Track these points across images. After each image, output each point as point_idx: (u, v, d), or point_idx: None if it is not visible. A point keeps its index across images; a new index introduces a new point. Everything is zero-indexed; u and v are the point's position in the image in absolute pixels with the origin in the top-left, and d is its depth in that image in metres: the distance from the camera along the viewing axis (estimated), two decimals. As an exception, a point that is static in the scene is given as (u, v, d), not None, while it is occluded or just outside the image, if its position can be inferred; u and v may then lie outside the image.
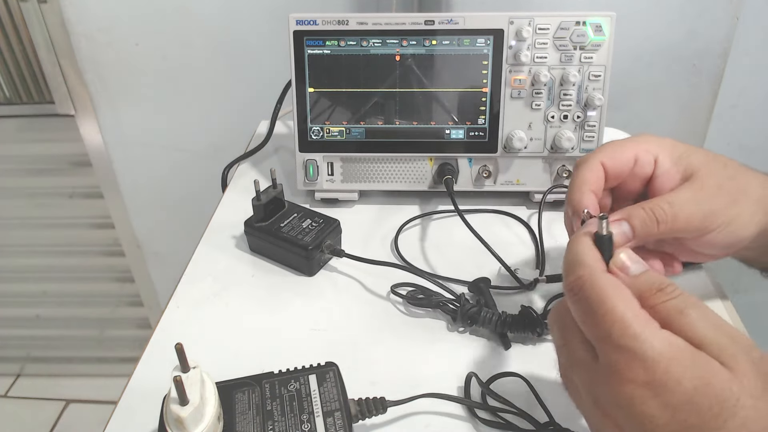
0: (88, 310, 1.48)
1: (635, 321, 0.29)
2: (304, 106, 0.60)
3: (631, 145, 0.42)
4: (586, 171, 0.42)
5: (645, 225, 0.38)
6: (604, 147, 0.43)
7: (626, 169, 0.42)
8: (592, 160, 0.42)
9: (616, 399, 0.28)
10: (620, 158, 0.42)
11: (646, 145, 0.42)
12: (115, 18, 1.02)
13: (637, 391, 0.28)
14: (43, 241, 1.36)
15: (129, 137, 1.17)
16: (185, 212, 1.20)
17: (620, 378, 0.28)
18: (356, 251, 0.54)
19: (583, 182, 0.41)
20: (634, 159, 0.42)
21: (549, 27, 0.57)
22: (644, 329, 0.28)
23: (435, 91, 0.59)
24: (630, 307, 0.30)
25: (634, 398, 0.28)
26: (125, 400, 0.43)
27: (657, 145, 0.42)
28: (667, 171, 0.42)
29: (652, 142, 0.42)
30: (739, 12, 0.92)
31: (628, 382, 0.28)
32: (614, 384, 0.28)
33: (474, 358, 0.46)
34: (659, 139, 0.43)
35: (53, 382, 1.60)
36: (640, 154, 0.42)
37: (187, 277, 0.54)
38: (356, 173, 0.63)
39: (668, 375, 0.27)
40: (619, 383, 0.28)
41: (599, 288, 0.30)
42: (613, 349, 0.29)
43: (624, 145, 0.42)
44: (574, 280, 0.32)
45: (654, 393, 0.28)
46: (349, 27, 0.57)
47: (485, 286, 0.50)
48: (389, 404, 0.39)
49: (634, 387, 0.28)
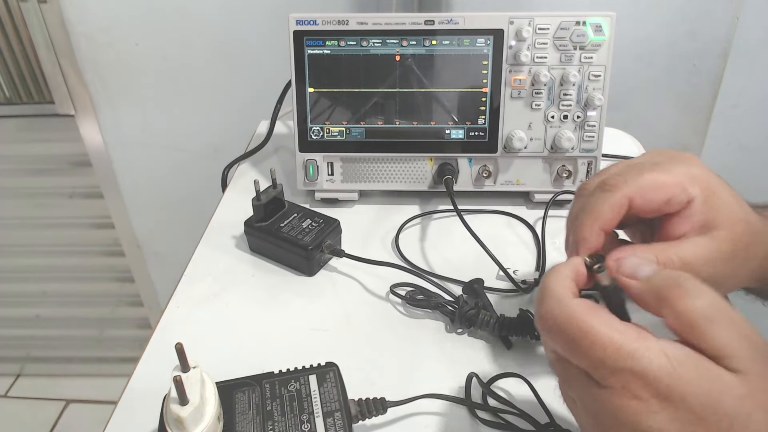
0: (88, 310, 1.48)
1: (626, 339, 0.27)
2: (304, 106, 0.60)
3: (671, 182, 0.36)
4: (606, 206, 0.36)
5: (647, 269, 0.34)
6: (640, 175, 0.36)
7: (655, 208, 0.36)
8: (620, 195, 0.36)
9: (620, 417, 0.27)
10: (652, 197, 0.36)
11: (687, 183, 0.36)
12: (115, 18, 1.02)
13: (642, 406, 0.27)
14: (43, 241, 1.36)
15: (129, 137, 1.17)
16: (185, 212, 1.20)
17: (624, 396, 0.27)
18: (356, 251, 0.54)
19: (597, 218, 0.36)
20: (669, 198, 0.36)
21: (549, 27, 0.57)
22: (638, 345, 0.27)
23: (435, 91, 0.59)
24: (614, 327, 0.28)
25: (639, 414, 0.27)
26: (125, 400, 0.43)
27: (700, 185, 0.36)
28: (691, 216, 0.36)
29: (696, 180, 0.36)
30: (739, 12, 0.92)
31: (632, 398, 0.27)
32: (616, 403, 0.27)
33: (474, 358, 0.46)
34: (705, 177, 0.37)
35: (53, 382, 1.60)
36: (676, 192, 0.36)
37: (187, 277, 0.54)
38: (356, 173, 0.63)
39: (671, 390, 0.26)
40: (624, 401, 0.27)
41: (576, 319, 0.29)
42: (610, 373, 0.27)
43: (663, 181, 0.36)
44: (544, 313, 0.30)
45: (660, 407, 0.26)
46: (349, 27, 0.57)
47: (479, 287, 0.50)
48: (389, 405, 0.39)
49: (638, 402, 0.27)
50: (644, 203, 0.36)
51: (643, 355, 0.27)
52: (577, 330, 0.28)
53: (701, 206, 0.36)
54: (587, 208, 0.37)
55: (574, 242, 0.37)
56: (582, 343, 0.28)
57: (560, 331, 0.29)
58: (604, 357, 0.27)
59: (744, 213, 0.37)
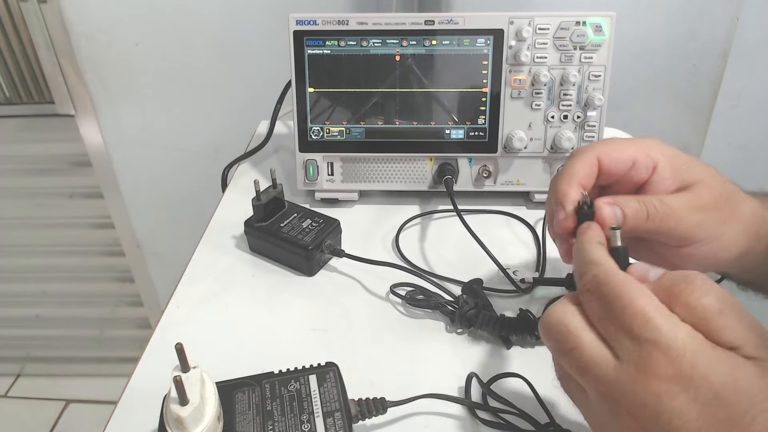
0: (88, 310, 1.48)
1: (656, 314, 0.28)
2: (304, 106, 0.60)
3: (631, 147, 0.40)
4: (578, 163, 0.40)
5: (635, 216, 0.37)
6: (604, 142, 0.41)
7: (622, 170, 0.40)
8: (588, 153, 0.40)
9: (642, 397, 0.27)
10: (618, 157, 0.40)
11: (648, 150, 0.40)
12: (115, 18, 1.02)
13: (664, 386, 0.27)
14: (43, 241, 1.36)
15: (129, 137, 1.17)
16: (185, 212, 1.20)
17: (646, 374, 0.27)
18: (356, 251, 0.54)
19: (573, 174, 0.39)
20: (633, 161, 0.40)
21: (549, 27, 0.57)
22: (666, 321, 0.28)
23: (435, 91, 0.59)
24: (650, 301, 0.29)
25: (661, 394, 0.27)
26: (125, 400, 0.43)
27: (659, 151, 0.40)
28: (663, 179, 0.40)
29: (654, 148, 0.40)
30: (739, 12, 0.92)
31: (654, 377, 0.27)
32: (639, 381, 0.27)
33: (474, 358, 0.46)
34: (663, 146, 0.41)
35: (53, 382, 1.60)
36: (639, 157, 0.40)
37: (187, 277, 0.54)
38: (356, 173, 0.63)
39: (694, 369, 0.27)
40: (645, 380, 0.27)
41: (616, 284, 0.30)
42: (635, 345, 0.28)
43: (624, 145, 0.40)
44: (591, 278, 0.31)
45: (681, 388, 0.27)
46: (349, 27, 0.57)
47: (479, 287, 0.50)
48: (389, 404, 0.39)
49: (660, 382, 0.27)
50: (611, 163, 0.40)
51: (669, 330, 0.27)
52: (614, 293, 0.29)
53: (669, 170, 0.40)
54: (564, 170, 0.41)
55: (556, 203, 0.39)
56: (616, 307, 0.29)
57: (603, 295, 0.30)
58: (633, 325, 0.28)
59: (714, 170, 0.40)
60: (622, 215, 0.37)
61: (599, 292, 0.30)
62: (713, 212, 0.39)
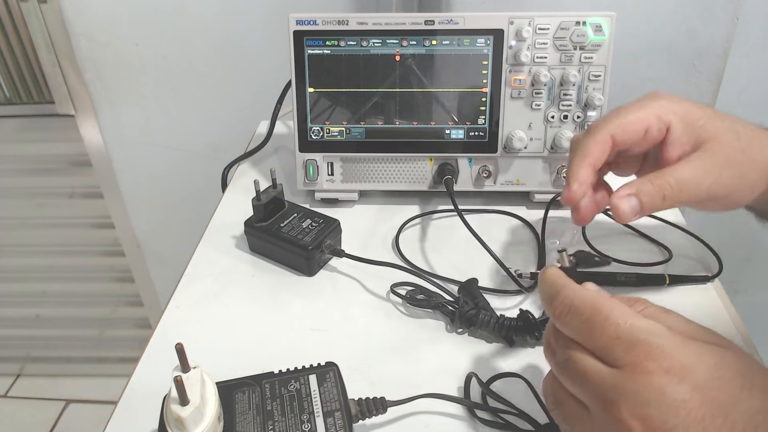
0: (88, 310, 1.48)
1: (636, 319, 0.29)
2: (304, 106, 0.60)
3: (643, 113, 0.41)
4: (591, 143, 0.41)
5: (652, 200, 0.39)
6: (615, 116, 0.41)
7: (636, 139, 0.41)
8: (602, 131, 0.41)
9: (645, 396, 0.28)
10: (631, 129, 0.41)
11: (660, 112, 0.41)
12: (115, 18, 1.02)
13: (663, 379, 0.28)
14: (43, 241, 1.36)
15: (129, 137, 1.17)
16: (185, 212, 1.20)
17: (644, 372, 0.28)
18: (356, 251, 0.54)
19: (586, 155, 0.41)
20: (646, 129, 0.41)
21: (549, 27, 0.57)
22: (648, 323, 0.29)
23: (435, 91, 0.59)
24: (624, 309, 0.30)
25: (663, 387, 0.27)
26: (125, 400, 0.43)
27: (672, 110, 0.41)
28: (678, 138, 0.41)
29: (666, 108, 0.41)
30: (739, 12, 0.92)
31: (651, 373, 0.28)
32: (639, 381, 0.28)
33: (474, 358, 0.46)
34: (674, 104, 0.41)
35: (53, 382, 1.60)
36: (652, 122, 0.41)
37: (187, 277, 0.54)
38: (356, 173, 0.63)
39: (687, 358, 0.28)
40: (645, 377, 0.28)
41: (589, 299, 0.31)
42: (627, 349, 0.29)
43: (637, 114, 0.41)
44: (562, 299, 0.32)
45: (680, 378, 0.28)
46: (349, 27, 0.57)
47: (474, 287, 0.50)
48: (389, 404, 0.39)
49: (659, 377, 0.28)
50: (625, 136, 0.41)
51: (655, 330, 0.29)
52: (591, 309, 0.30)
53: (682, 128, 0.40)
54: (576, 149, 0.42)
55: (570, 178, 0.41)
56: (596, 320, 0.30)
57: (579, 314, 0.31)
58: (618, 332, 0.29)
59: (730, 123, 0.41)
60: (639, 204, 0.39)
61: (575, 311, 0.31)
62: (728, 169, 0.39)
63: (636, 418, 0.28)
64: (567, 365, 0.31)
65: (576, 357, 0.31)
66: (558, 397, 0.33)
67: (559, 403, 0.33)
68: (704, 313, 0.49)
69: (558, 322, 0.32)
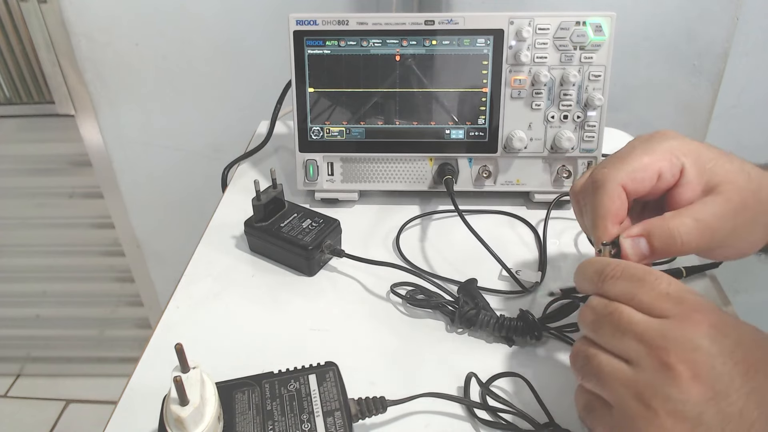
0: (88, 310, 1.48)
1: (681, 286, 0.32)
2: (304, 106, 0.60)
3: (654, 159, 0.38)
4: (606, 200, 0.38)
5: (665, 244, 0.37)
6: (622, 162, 0.39)
7: (649, 187, 0.39)
8: (613, 185, 0.38)
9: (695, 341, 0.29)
10: (643, 178, 0.38)
11: (671, 154, 0.38)
12: (115, 18, 1.02)
13: (712, 330, 0.29)
14: (43, 241, 1.36)
15: (129, 137, 1.17)
16: (185, 212, 1.20)
17: (693, 322, 0.30)
18: (356, 251, 0.54)
19: (603, 215, 0.38)
20: (658, 175, 0.38)
21: (549, 27, 0.57)
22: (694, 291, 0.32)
23: (435, 91, 0.59)
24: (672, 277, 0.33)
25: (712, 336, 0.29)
26: (125, 400, 0.43)
27: (683, 153, 0.38)
28: (690, 182, 0.38)
29: (678, 150, 0.38)
30: (739, 12, 0.92)
31: (700, 323, 0.30)
32: (689, 329, 0.30)
33: (474, 358, 0.46)
34: (685, 145, 0.39)
35: (53, 382, 1.60)
36: (664, 167, 0.38)
37: (187, 277, 0.54)
38: (356, 173, 0.63)
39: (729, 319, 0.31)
40: (695, 326, 0.30)
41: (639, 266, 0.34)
42: (676, 303, 0.31)
43: (647, 160, 0.38)
44: (614, 266, 0.34)
45: (725, 333, 0.30)
46: (349, 27, 0.57)
47: (473, 287, 0.50)
48: (389, 403, 0.39)
49: (708, 327, 0.30)
50: (637, 185, 0.38)
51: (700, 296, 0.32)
52: (643, 270, 0.33)
53: (694, 170, 0.38)
54: (590, 209, 0.39)
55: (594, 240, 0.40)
56: (648, 278, 0.32)
57: (628, 273, 0.33)
58: (669, 290, 0.31)
59: (740, 164, 0.39)
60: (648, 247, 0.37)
61: (628, 273, 0.33)
62: (742, 213, 0.38)
63: (684, 362, 0.29)
64: (610, 318, 0.32)
65: (621, 309, 0.32)
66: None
67: (591, 357, 0.33)
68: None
69: (608, 283, 0.34)
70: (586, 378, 0.33)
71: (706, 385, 0.28)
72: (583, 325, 0.34)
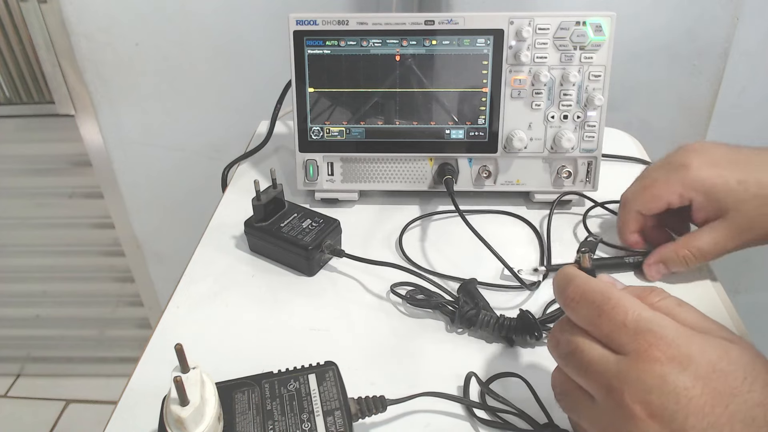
0: (88, 310, 1.48)
1: (644, 308, 0.31)
2: (304, 106, 0.60)
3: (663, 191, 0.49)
4: (626, 217, 0.53)
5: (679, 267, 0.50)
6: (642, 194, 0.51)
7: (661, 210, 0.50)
8: (630, 209, 0.52)
9: (648, 383, 0.29)
10: (653, 206, 0.50)
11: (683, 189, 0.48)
12: (115, 18, 1.02)
13: (666, 368, 0.28)
14: (43, 241, 1.36)
15: (129, 137, 1.17)
16: (185, 212, 1.20)
17: (647, 360, 0.29)
18: (356, 251, 0.54)
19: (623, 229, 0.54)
20: (667, 205, 0.50)
21: (549, 27, 0.57)
22: (655, 315, 0.31)
23: (435, 91, 0.59)
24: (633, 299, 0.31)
25: (665, 375, 0.28)
26: (125, 400, 0.43)
27: (694, 188, 0.48)
28: (701, 208, 0.48)
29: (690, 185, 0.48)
30: (739, 12, 0.92)
31: (655, 361, 0.29)
32: (642, 368, 0.29)
33: (474, 357, 0.46)
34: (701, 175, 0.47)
35: (53, 382, 1.60)
36: (673, 200, 0.49)
37: (187, 277, 0.54)
38: (356, 173, 0.63)
39: (690, 348, 0.29)
40: (648, 366, 0.29)
41: (600, 288, 0.32)
42: (632, 337, 0.30)
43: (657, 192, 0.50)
44: (573, 289, 0.33)
45: (682, 367, 0.28)
46: (349, 27, 0.57)
47: (473, 287, 0.50)
48: (389, 403, 0.39)
49: (662, 365, 0.29)
50: (650, 212, 0.51)
51: (660, 321, 0.30)
52: (600, 296, 0.32)
53: (704, 202, 0.48)
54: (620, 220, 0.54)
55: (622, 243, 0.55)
56: (605, 307, 0.31)
57: (590, 301, 0.32)
58: (626, 320, 0.30)
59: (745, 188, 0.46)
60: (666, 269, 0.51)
61: (586, 299, 0.32)
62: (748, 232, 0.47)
63: (638, 403, 0.29)
64: (574, 354, 0.32)
65: (583, 345, 0.32)
66: (565, 387, 0.34)
67: (566, 393, 0.34)
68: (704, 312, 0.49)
69: (568, 308, 0.33)
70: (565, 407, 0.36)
71: (663, 423, 0.28)
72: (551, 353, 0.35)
